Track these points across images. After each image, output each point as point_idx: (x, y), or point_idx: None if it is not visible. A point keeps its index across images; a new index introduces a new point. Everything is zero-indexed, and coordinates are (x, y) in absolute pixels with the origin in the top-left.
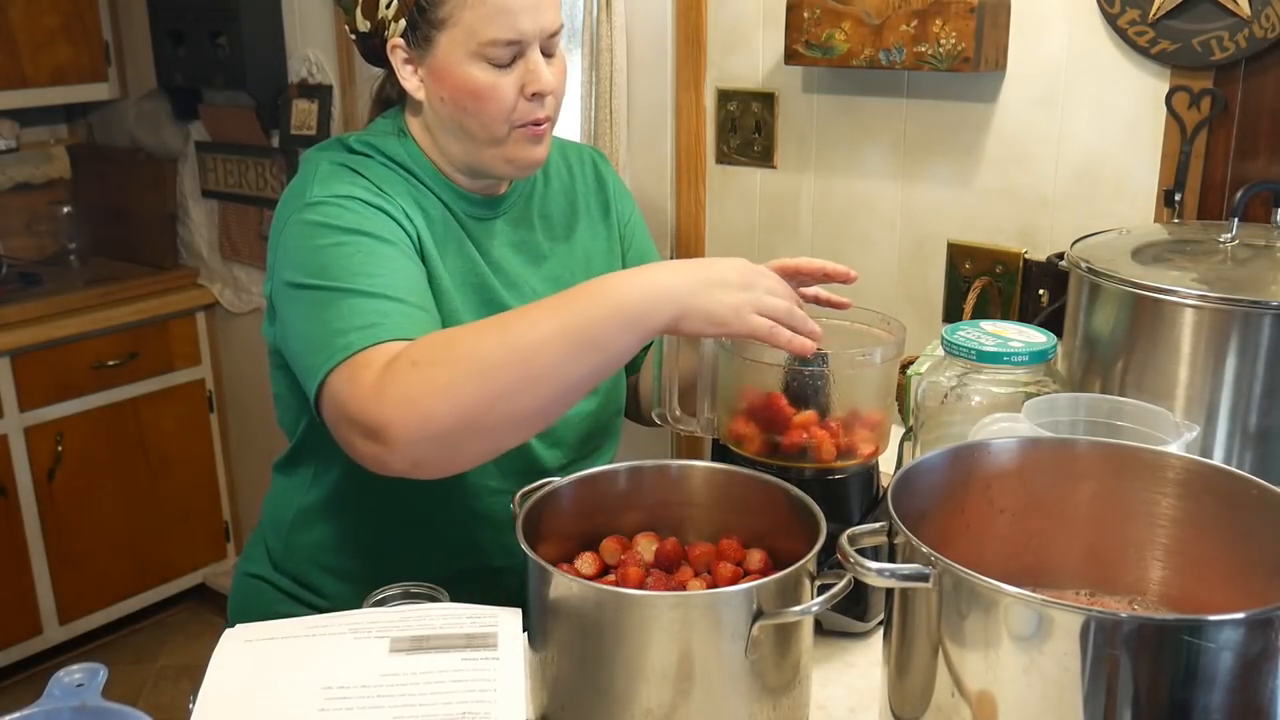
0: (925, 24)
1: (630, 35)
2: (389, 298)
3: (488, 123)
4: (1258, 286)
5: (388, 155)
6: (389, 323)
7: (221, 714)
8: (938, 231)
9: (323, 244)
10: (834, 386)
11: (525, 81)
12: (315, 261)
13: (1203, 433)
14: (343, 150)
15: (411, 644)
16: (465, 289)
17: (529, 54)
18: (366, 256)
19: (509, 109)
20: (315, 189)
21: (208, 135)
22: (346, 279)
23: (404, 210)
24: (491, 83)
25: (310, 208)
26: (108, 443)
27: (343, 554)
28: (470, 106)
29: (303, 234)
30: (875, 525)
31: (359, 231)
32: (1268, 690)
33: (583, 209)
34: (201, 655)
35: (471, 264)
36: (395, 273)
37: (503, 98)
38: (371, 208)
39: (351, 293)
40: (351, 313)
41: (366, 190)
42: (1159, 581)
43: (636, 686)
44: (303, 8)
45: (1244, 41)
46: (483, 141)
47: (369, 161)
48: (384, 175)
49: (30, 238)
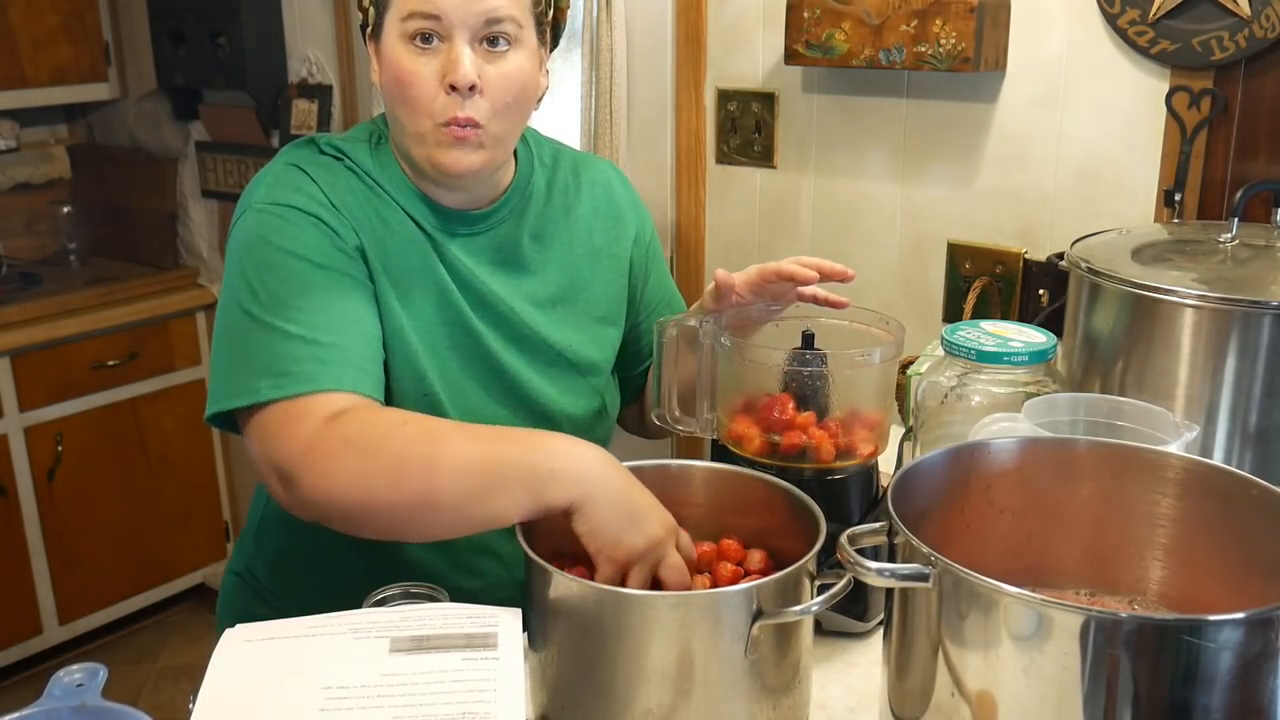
0: (925, 24)
1: (630, 35)
2: (306, 340)
3: (411, 114)
4: (1258, 286)
5: (354, 161)
6: (298, 372)
7: (221, 714)
8: (938, 231)
9: (256, 262)
10: (833, 387)
11: (445, 71)
12: (245, 281)
13: (1203, 433)
14: (311, 150)
15: (411, 644)
16: (424, 306)
17: (454, 39)
18: (296, 285)
19: (428, 100)
20: (262, 190)
21: (208, 135)
22: (270, 310)
23: (353, 223)
24: (412, 67)
25: (254, 213)
26: (108, 443)
27: (302, 562)
28: (397, 95)
29: (241, 243)
30: (875, 525)
31: (293, 254)
32: (1268, 690)
33: (583, 232)
34: (201, 655)
35: (434, 280)
36: (320, 309)
37: (421, 85)
38: (313, 221)
39: (271, 329)
40: (266, 353)
41: (311, 200)
42: (1159, 581)
43: (636, 686)
44: (303, 8)
45: (1244, 41)
46: (411, 138)
47: (332, 165)
48: (341, 182)
49: (30, 238)
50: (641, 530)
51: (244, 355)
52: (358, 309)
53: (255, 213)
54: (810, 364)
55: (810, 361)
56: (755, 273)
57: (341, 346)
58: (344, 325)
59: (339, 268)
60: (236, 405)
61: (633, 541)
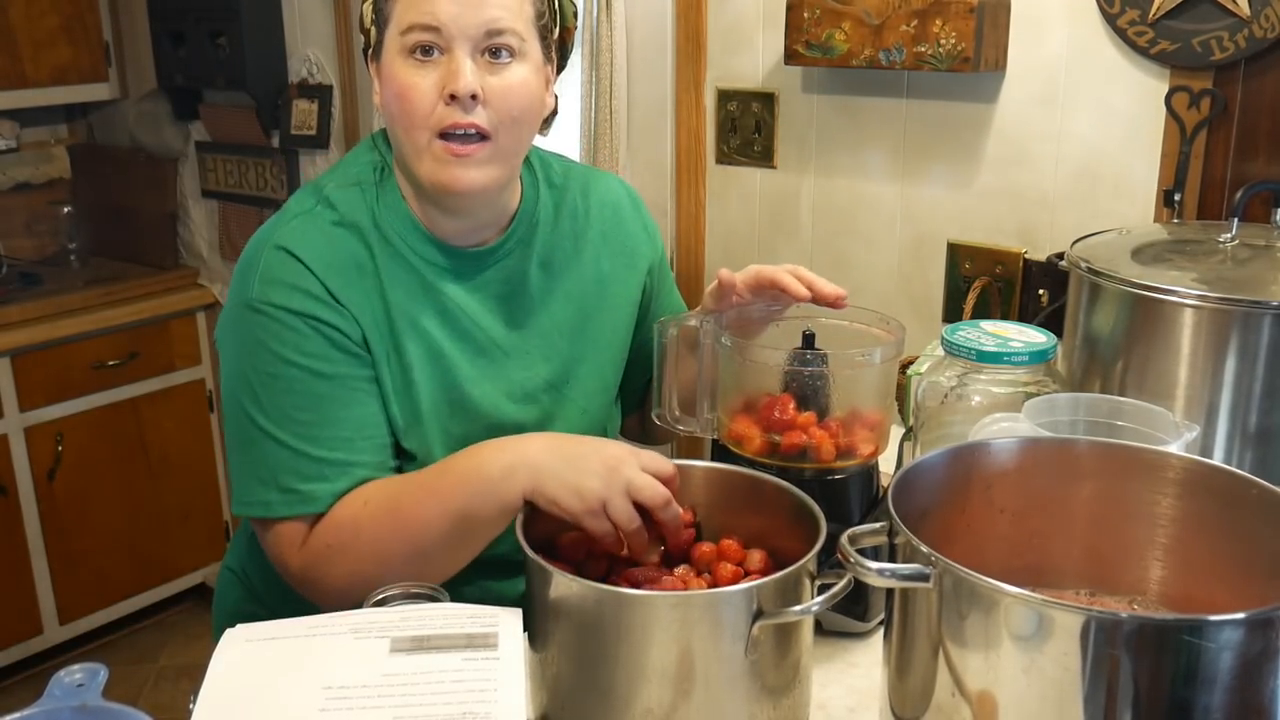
0: (925, 24)
1: (630, 35)
2: (312, 457)
3: (408, 128)
4: (1258, 286)
5: (353, 221)
6: (306, 492)
7: (221, 714)
8: (938, 231)
9: (258, 368)
10: (833, 386)
11: (445, 81)
12: (247, 385)
13: (1203, 433)
14: (306, 219)
15: (412, 644)
16: (425, 366)
17: (454, 49)
18: (300, 399)
19: (426, 112)
20: (258, 285)
21: (208, 135)
22: (276, 422)
23: (354, 313)
24: (411, 80)
25: (251, 312)
26: (108, 443)
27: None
28: (395, 110)
29: (239, 343)
30: (875, 525)
31: (294, 365)
32: (1268, 690)
33: (591, 260)
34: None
35: (428, 342)
36: (327, 422)
37: (420, 98)
38: (312, 324)
39: (278, 443)
40: (276, 465)
41: (309, 297)
42: (1159, 581)
43: (636, 686)
44: (303, 8)
45: (1243, 41)
46: (411, 154)
47: (330, 233)
48: (340, 257)
49: (30, 238)
50: (589, 470)
51: (254, 463)
52: (363, 415)
53: (252, 312)
54: (810, 364)
55: (810, 361)
56: (753, 273)
57: (348, 461)
58: (350, 437)
59: (343, 373)
60: (252, 515)
61: (588, 485)
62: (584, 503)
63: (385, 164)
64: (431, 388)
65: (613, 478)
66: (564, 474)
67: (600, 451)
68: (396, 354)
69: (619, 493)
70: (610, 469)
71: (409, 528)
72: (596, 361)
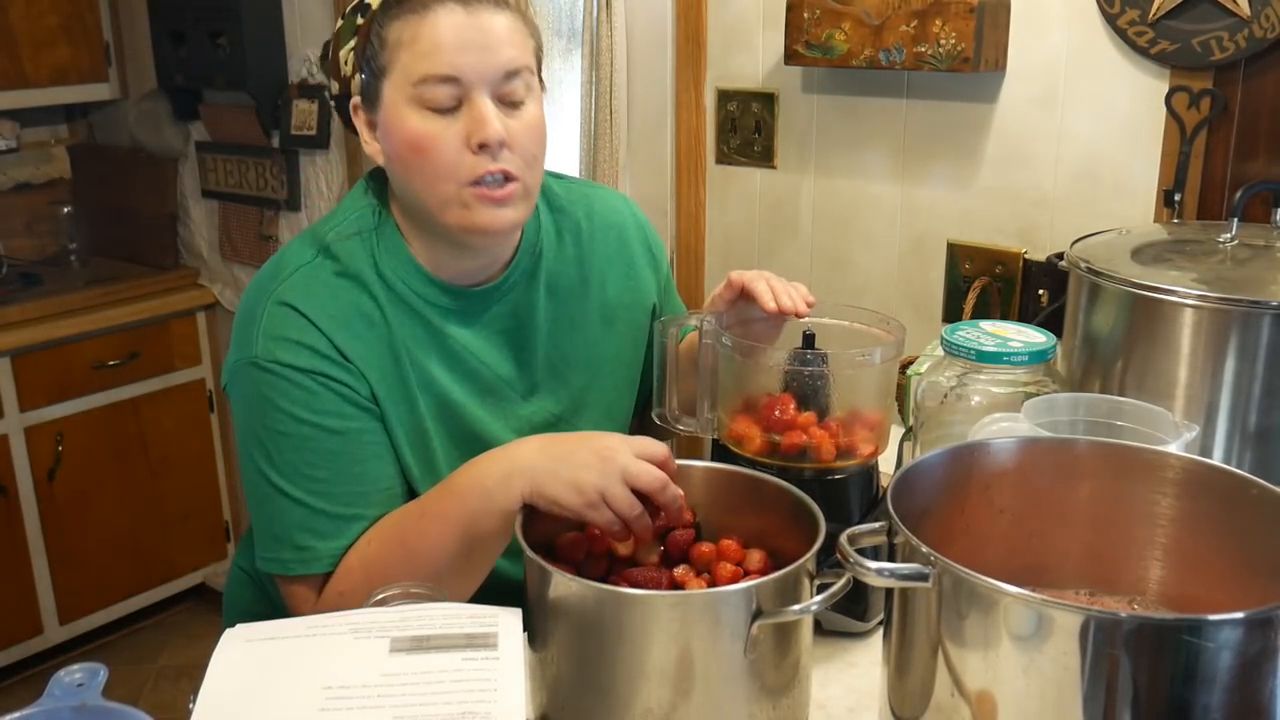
0: (925, 24)
1: (630, 35)
2: (329, 515)
3: (431, 180)
4: (1257, 286)
5: (355, 273)
6: (321, 550)
7: (221, 714)
8: (938, 231)
9: (269, 426)
10: (833, 386)
11: (470, 131)
12: (259, 443)
13: (1203, 433)
14: (306, 272)
15: (412, 644)
16: (435, 412)
17: (474, 98)
18: (312, 456)
19: (452, 163)
20: (262, 341)
21: (208, 135)
22: (290, 480)
23: (361, 368)
24: (430, 132)
25: (258, 370)
26: (108, 443)
27: None
28: (413, 162)
29: (248, 400)
30: (875, 525)
31: (305, 422)
32: (1267, 690)
33: (595, 285)
34: (201, 655)
35: (436, 389)
36: (340, 479)
37: (443, 150)
38: (320, 381)
39: (292, 500)
40: (291, 522)
41: (315, 355)
42: (1159, 581)
43: (636, 686)
44: (303, 8)
45: (1244, 41)
46: (435, 205)
47: (332, 284)
48: (344, 309)
49: (30, 238)
50: (582, 464)
51: (272, 519)
52: (377, 468)
53: (259, 370)
54: (811, 364)
55: (811, 361)
56: (735, 281)
57: (363, 515)
58: (366, 491)
59: (354, 428)
60: (270, 571)
61: (585, 478)
62: (583, 496)
63: (382, 209)
64: (443, 434)
65: (607, 467)
66: (559, 471)
67: (590, 444)
68: (407, 404)
69: (616, 481)
70: (604, 459)
71: (417, 556)
72: (606, 392)
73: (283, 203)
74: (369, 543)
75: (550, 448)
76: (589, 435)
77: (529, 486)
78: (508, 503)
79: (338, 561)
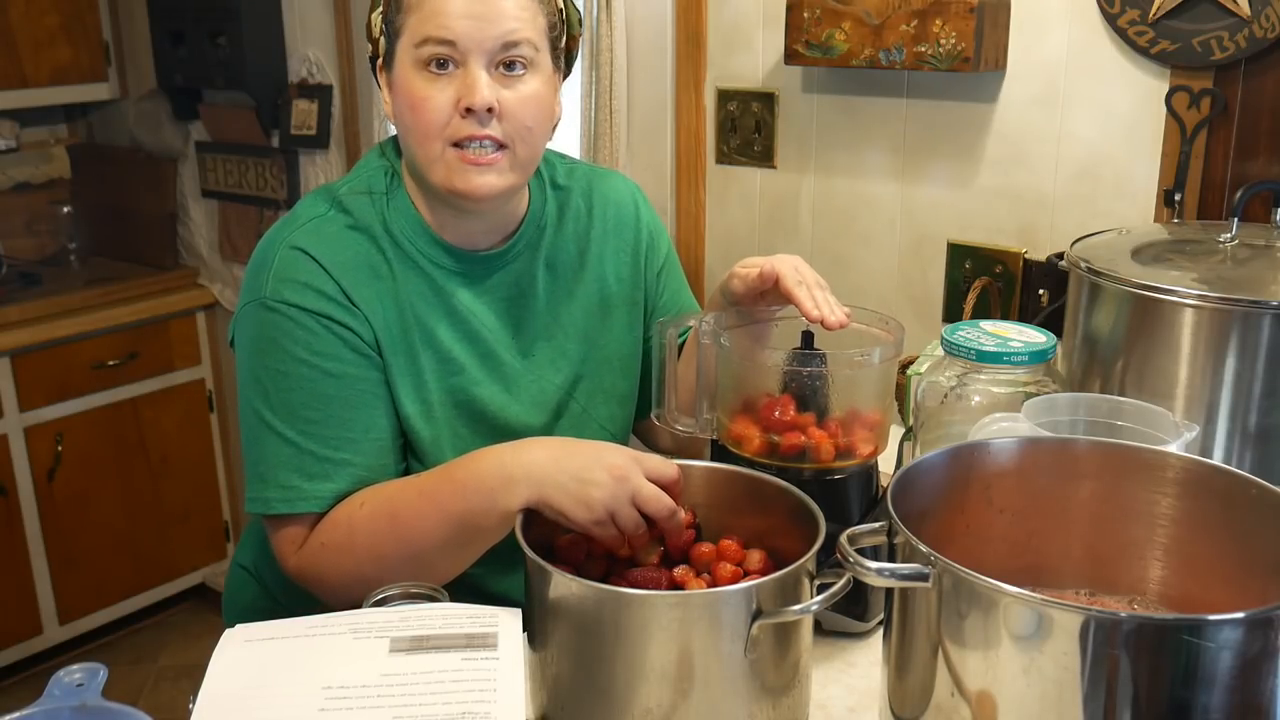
0: (925, 24)
1: (630, 35)
2: (317, 455)
3: (420, 139)
4: (1258, 286)
5: (366, 225)
6: (307, 490)
7: (221, 714)
8: (938, 231)
9: (268, 365)
10: (833, 387)
11: (460, 94)
12: (256, 381)
13: (1203, 433)
14: (319, 221)
15: (411, 644)
16: (435, 368)
17: (469, 64)
18: (307, 395)
19: (440, 123)
20: (272, 282)
21: (208, 135)
22: (283, 419)
23: (366, 313)
24: (424, 93)
25: (265, 310)
26: (108, 443)
27: None
28: (408, 119)
29: (251, 339)
30: (875, 525)
31: (304, 362)
32: (1267, 690)
33: (594, 260)
34: (201, 655)
35: (438, 345)
36: (333, 421)
37: (433, 109)
38: (324, 323)
39: (283, 439)
40: (278, 462)
41: (321, 296)
42: (1159, 581)
43: (636, 686)
44: (303, 8)
45: (1244, 41)
46: (425, 164)
47: (344, 235)
48: (353, 257)
49: (30, 238)
50: (594, 481)
51: (260, 459)
52: (370, 416)
53: (266, 310)
54: (810, 364)
55: (810, 361)
56: (770, 270)
57: (351, 462)
58: (355, 438)
59: (352, 374)
60: (255, 511)
61: (595, 496)
62: (591, 513)
63: (395, 171)
64: (442, 391)
65: (619, 488)
66: (569, 486)
67: (603, 459)
68: (408, 356)
69: (625, 503)
70: (616, 479)
71: (406, 533)
72: (604, 366)
73: (283, 203)
74: (360, 505)
75: (563, 459)
76: (602, 448)
77: (535, 494)
78: (508, 505)
79: (324, 506)
